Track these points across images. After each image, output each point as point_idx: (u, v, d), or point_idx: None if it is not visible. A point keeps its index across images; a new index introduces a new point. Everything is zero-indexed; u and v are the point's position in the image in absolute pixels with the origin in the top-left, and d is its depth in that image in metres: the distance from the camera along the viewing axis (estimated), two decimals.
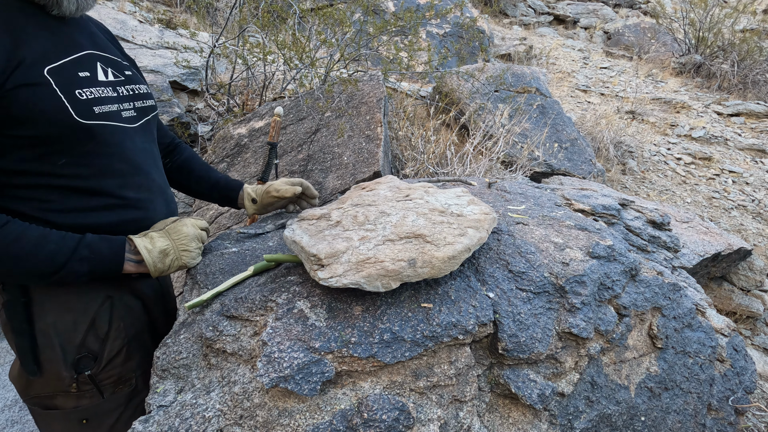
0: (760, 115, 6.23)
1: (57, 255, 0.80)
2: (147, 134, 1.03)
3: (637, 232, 1.41)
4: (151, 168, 1.01)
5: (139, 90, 1.00)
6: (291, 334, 0.75)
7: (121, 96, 0.94)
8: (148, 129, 1.03)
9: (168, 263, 0.94)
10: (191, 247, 0.98)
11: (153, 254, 0.90)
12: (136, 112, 0.97)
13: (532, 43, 8.10)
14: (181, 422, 0.69)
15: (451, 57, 5.23)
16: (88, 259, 0.84)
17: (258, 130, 2.57)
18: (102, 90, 0.88)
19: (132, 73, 1.01)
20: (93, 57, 0.90)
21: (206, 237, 1.07)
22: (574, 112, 5.83)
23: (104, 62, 0.93)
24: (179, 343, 0.83)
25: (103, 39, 1.00)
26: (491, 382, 0.86)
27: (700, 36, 7.70)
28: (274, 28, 3.18)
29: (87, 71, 0.86)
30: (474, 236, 0.86)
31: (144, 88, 1.03)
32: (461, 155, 3.37)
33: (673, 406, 1.07)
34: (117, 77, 0.94)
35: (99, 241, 0.87)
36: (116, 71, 0.95)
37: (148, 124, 1.03)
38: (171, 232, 0.97)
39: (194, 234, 1.00)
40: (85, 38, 0.91)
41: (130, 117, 0.95)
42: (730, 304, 3.00)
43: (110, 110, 0.89)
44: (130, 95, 0.97)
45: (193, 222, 1.03)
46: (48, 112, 0.78)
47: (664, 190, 4.61)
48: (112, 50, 1.00)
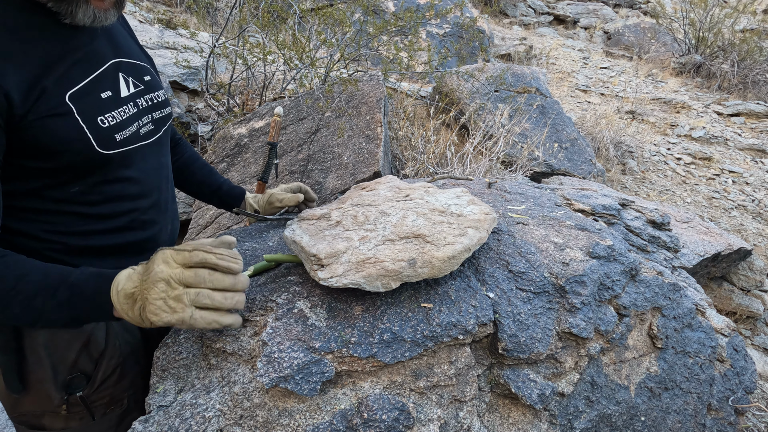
0: (760, 115, 6.23)
1: (34, 298, 0.67)
2: (163, 147, 0.96)
3: (637, 232, 1.41)
4: (162, 184, 0.95)
5: (157, 98, 0.92)
6: (291, 334, 0.75)
7: (141, 109, 0.86)
8: (165, 140, 0.97)
9: (137, 314, 0.68)
10: (151, 296, 0.66)
11: (120, 299, 0.69)
12: (154, 125, 0.90)
13: (532, 43, 8.11)
14: (181, 422, 0.69)
15: (451, 57, 5.23)
16: (68, 302, 0.68)
17: (258, 130, 2.57)
18: (124, 110, 0.81)
19: (151, 77, 0.92)
20: (115, 67, 0.82)
21: (200, 279, 0.68)
22: (574, 112, 5.84)
23: (126, 71, 0.85)
24: (179, 343, 0.83)
25: (124, 36, 0.91)
26: (491, 382, 0.86)
27: (700, 36, 7.70)
28: (274, 28, 3.18)
29: (109, 90, 0.79)
30: (474, 236, 0.86)
31: (162, 94, 0.94)
32: (461, 155, 3.37)
33: (673, 406, 1.07)
34: (138, 86, 0.87)
35: (87, 279, 0.70)
36: (137, 80, 0.87)
37: (166, 133, 0.96)
38: (146, 268, 0.71)
39: (164, 274, 0.67)
40: (105, 44, 0.82)
41: (147, 132, 0.88)
42: (730, 304, 3.00)
43: (130, 133, 0.82)
44: (149, 106, 0.89)
45: (171, 255, 0.70)
46: (71, 143, 0.72)
47: (664, 190, 4.61)
48: (134, 50, 0.91)
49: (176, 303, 0.67)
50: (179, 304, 0.67)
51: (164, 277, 0.67)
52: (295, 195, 1.24)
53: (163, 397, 0.75)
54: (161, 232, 0.96)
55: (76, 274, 0.70)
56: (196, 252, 0.69)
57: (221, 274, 0.70)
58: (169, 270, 0.68)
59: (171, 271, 0.68)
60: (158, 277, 0.67)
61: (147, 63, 0.96)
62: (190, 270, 0.68)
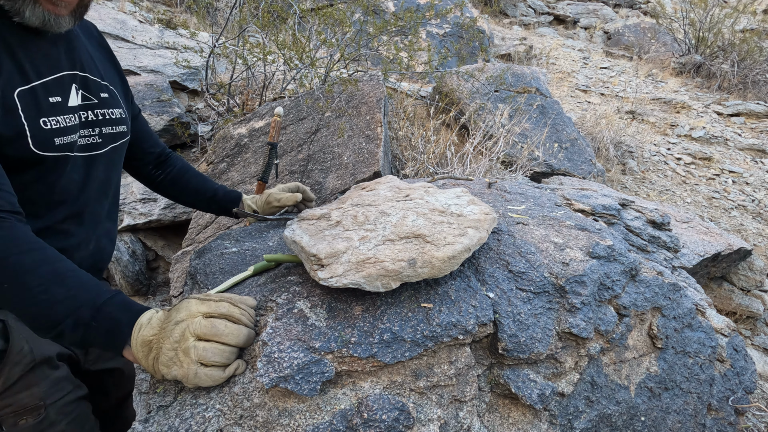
0: (760, 115, 6.23)
1: (59, 304, 0.64)
2: (110, 162, 0.98)
3: (637, 232, 1.41)
4: (96, 199, 0.95)
5: (110, 115, 0.95)
6: (291, 334, 0.75)
7: (86, 121, 0.88)
8: (114, 157, 0.99)
9: (151, 363, 0.66)
10: (165, 346, 0.64)
11: (137, 344, 0.66)
12: (101, 139, 0.92)
13: (532, 43, 8.10)
14: (181, 422, 0.69)
15: (451, 57, 5.23)
16: (87, 326, 0.65)
17: (258, 130, 2.57)
18: (69, 118, 0.84)
19: (109, 96, 0.95)
20: (70, 78, 0.86)
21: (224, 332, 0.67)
22: (574, 112, 5.83)
23: (81, 83, 0.88)
24: None
25: (90, 56, 0.95)
26: (491, 382, 0.86)
27: (700, 36, 7.70)
28: (274, 28, 3.18)
29: (59, 96, 0.82)
30: (474, 236, 0.86)
31: (118, 113, 0.97)
32: (461, 155, 3.37)
33: (673, 406, 1.07)
34: (88, 100, 0.90)
35: (115, 306, 0.67)
36: (89, 93, 0.90)
37: (114, 151, 0.98)
38: (166, 316, 0.68)
39: (183, 324, 0.65)
40: (65, 55, 0.86)
41: (90, 144, 0.90)
42: (730, 304, 3.00)
43: (70, 140, 0.84)
44: (97, 120, 0.91)
45: (196, 303, 0.68)
46: (9, 138, 0.73)
47: (664, 190, 4.61)
48: (97, 68, 0.95)
49: (184, 356, 0.64)
50: (186, 358, 0.64)
51: (182, 326, 0.65)
52: (293, 195, 1.24)
53: (163, 397, 0.75)
54: (79, 247, 0.93)
55: (105, 298, 0.67)
56: (223, 303, 0.69)
57: (237, 326, 0.69)
58: (189, 319, 0.66)
59: (190, 320, 0.65)
60: (176, 326, 0.65)
61: (113, 84, 0.99)
62: (207, 320, 0.66)
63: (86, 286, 0.67)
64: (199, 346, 0.64)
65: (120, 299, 0.68)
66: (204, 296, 0.70)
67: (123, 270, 2.54)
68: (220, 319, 0.68)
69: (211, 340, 0.66)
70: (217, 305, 0.69)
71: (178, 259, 2.11)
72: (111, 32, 3.76)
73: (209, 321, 0.66)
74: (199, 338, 0.65)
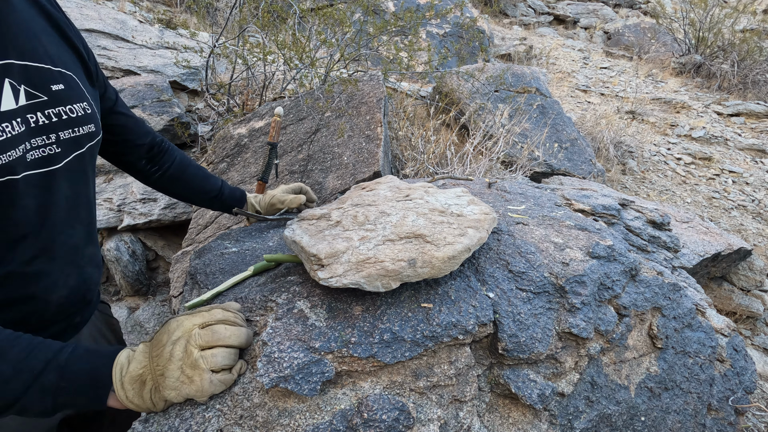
0: (760, 115, 6.23)
1: (11, 380, 0.54)
2: (77, 174, 0.76)
3: (637, 232, 1.41)
4: (66, 223, 0.75)
5: (70, 113, 0.71)
6: (291, 334, 0.75)
7: (34, 127, 0.65)
8: (81, 165, 0.76)
9: (148, 397, 0.61)
10: (169, 370, 0.60)
11: (125, 383, 0.60)
12: (60, 147, 0.70)
13: (532, 43, 8.11)
14: (181, 422, 0.69)
15: (451, 57, 5.23)
16: (56, 389, 0.56)
17: (258, 130, 2.57)
18: (7, 128, 0.60)
19: (64, 86, 0.71)
20: (1, 70, 0.62)
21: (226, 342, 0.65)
22: (574, 112, 5.83)
23: (18, 76, 0.64)
24: None
25: (32, 32, 0.68)
26: (491, 382, 0.86)
27: (700, 36, 7.70)
28: (274, 28, 3.18)
29: None
30: (474, 236, 0.86)
31: (82, 108, 0.73)
32: (461, 155, 3.37)
33: (673, 406, 1.07)
34: (34, 97, 0.66)
35: (82, 357, 0.59)
36: (34, 88, 0.66)
37: (79, 160, 0.75)
38: (152, 344, 0.64)
39: (183, 340, 0.62)
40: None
41: (45, 157, 0.68)
42: (730, 304, 3.00)
43: (9, 159, 0.61)
44: (50, 123, 0.68)
45: (184, 319, 0.65)
46: None
47: (664, 190, 4.61)
48: (42, 51, 0.69)
49: (193, 370, 0.61)
50: (196, 371, 0.61)
51: (182, 343, 0.61)
52: (298, 196, 1.24)
53: None
54: (56, 287, 0.75)
55: (66, 353, 0.59)
56: (215, 311, 0.68)
57: (237, 327, 0.69)
58: (187, 334, 0.62)
59: (188, 335, 0.62)
60: (175, 346, 0.61)
61: (68, 67, 0.73)
62: (205, 329, 0.64)
63: (36, 350, 0.57)
64: (207, 354, 0.63)
65: (82, 349, 0.61)
66: (191, 312, 0.68)
67: (123, 270, 2.54)
68: (217, 324, 0.67)
69: (216, 345, 0.65)
70: (211, 314, 0.67)
71: (178, 259, 2.11)
72: (111, 32, 3.76)
73: (208, 329, 0.65)
74: (202, 348, 0.63)
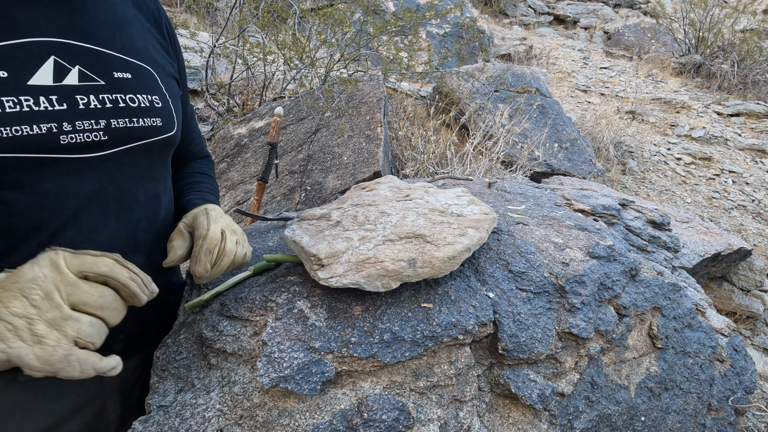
0: (760, 115, 6.23)
1: None
2: (125, 167, 0.69)
3: (637, 232, 1.41)
4: (96, 221, 0.66)
5: (131, 102, 0.68)
6: (291, 334, 0.75)
7: (84, 109, 0.62)
8: (134, 159, 0.70)
9: None
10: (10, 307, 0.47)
11: None
12: (108, 135, 0.65)
13: (532, 43, 8.11)
14: (181, 422, 0.69)
15: (451, 57, 5.23)
16: None
17: (258, 130, 2.57)
18: (27, 102, 0.56)
19: (132, 76, 0.69)
20: (47, 47, 0.60)
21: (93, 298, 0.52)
22: (574, 112, 5.84)
23: (73, 57, 0.62)
24: (179, 343, 0.83)
25: (116, 22, 0.69)
26: (491, 382, 0.86)
27: (700, 36, 7.70)
28: (274, 28, 3.18)
29: (7, 69, 0.56)
30: (474, 236, 0.86)
31: (148, 99, 0.70)
32: (461, 155, 3.37)
33: (673, 406, 1.07)
34: (89, 80, 0.63)
35: None
36: (92, 71, 0.64)
37: (134, 152, 0.69)
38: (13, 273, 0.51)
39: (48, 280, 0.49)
40: (48, 16, 0.61)
41: (88, 142, 0.62)
42: (730, 304, 3.00)
43: (24, 135, 0.55)
44: (103, 109, 0.64)
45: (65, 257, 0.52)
46: None
47: (664, 190, 4.61)
48: (119, 40, 0.69)
49: (50, 331, 0.46)
50: (55, 333, 0.47)
51: (47, 284, 0.48)
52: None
53: (163, 397, 0.75)
54: None
55: None
56: (104, 259, 0.54)
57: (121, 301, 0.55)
58: (58, 277, 0.49)
59: (60, 278, 0.49)
60: (37, 282, 0.47)
61: (148, 62, 0.73)
62: (91, 286, 0.51)
63: None
64: (83, 320, 0.49)
65: None
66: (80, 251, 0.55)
67: None
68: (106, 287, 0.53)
69: (91, 313, 0.50)
70: (96, 261, 0.52)
71: None
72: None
73: (96, 289, 0.51)
74: (74, 307, 0.49)
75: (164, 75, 0.77)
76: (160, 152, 0.76)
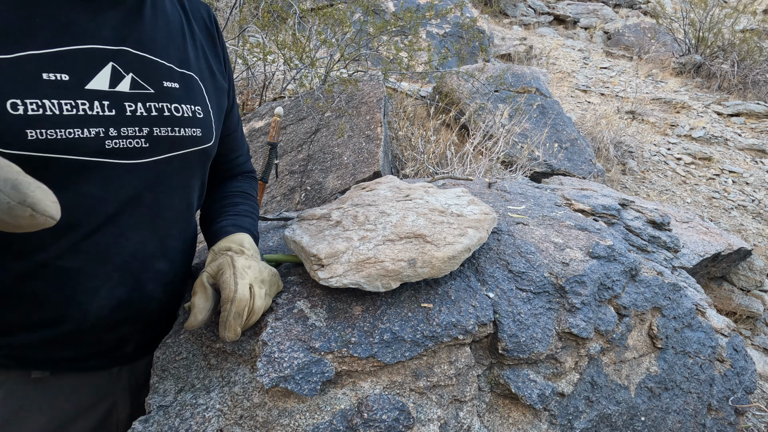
0: (760, 115, 6.23)
1: None
2: (163, 176, 0.70)
3: (637, 232, 1.41)
4: (129, 227, 0.68)
5: (175, 111, 0.69)
6: (291, 334, 0.75)
7: (131, 116, 0.64)
8: (172, 169, 0.72)
9: None
10: None
11: None
12: (150, 143, 0.67)
13: (532, 43, 8.11)
14: (181, 422, 0.69)
15: (451, 57, 5.22)
16: None
17: (258, 130, 2.57)
18: (80, 105, 0.59)
19: (179, 86, 0.71)
20: (107, 54, 0.62)
21: None
22: (574, 112, 5.84)
23: (128, 64, 0.64)
24: (179, 343, 0.83)
25: (169, 33, 0.71)
26: (491, 382, 0.86)
27: (700, 36, 7.70)
28: (274, 28, 3.18)
29: (69, 73, 0.58)
30: (474, 236, 0.86)
31: (191, 110, 0.72)
32: (461, 155, 3.37)
33: (673, 406, 1.07)
34: (140, 87, 0.65)
35: None
36: (143, 79, 0.66)
37: (173, 162, 0.71)
38: None
39: None
40: (113, 26, 0.63)
41: (130, 148, 0.64)
42: (730, 304, 3.00)
43: (66, 137, 0.57)
44: (148, 117, 0.66)
45: None
46: None
47: (664, 190, 4.61)
48: (172, 51, 0.71)
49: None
50: None
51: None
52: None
53: (163, 397, 0.75)
54: (95, 293, 0.67)
55: None
56: None
57: None
58: None
59: None
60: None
61: (197, 72, 0.75)
62: None
63: None
64: None
65: None
66: None
67: None
68: None
69: None
70: None
71: None
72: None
73: None
74: None
75: (211, 86, 0.79)
76: (197, 162, 0.77)
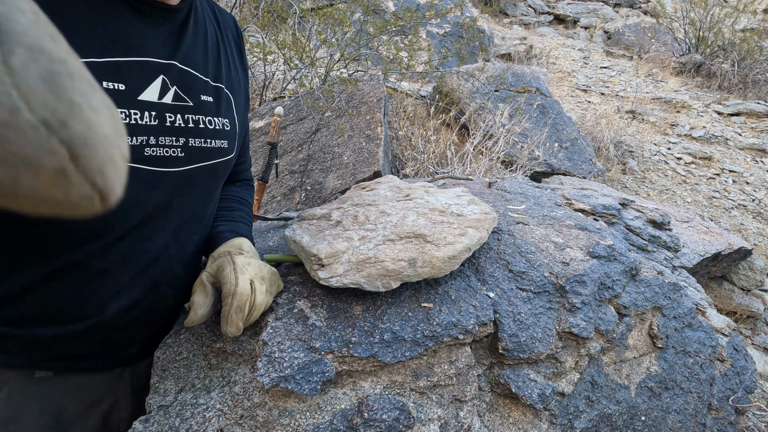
0: (760, 115, 6.23)
1: None
2: (192, 186, 0.74)
3: (638, 231, 1.41)
4: (155, 231, 0.71)
5: (209, 124, 0.74)
6: (291, 334, 0.75)
7: (170, 126, 0.68)
8: (200, 179, 0.75)
9: None
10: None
11: None
12: (185, 153, 0.71)
13: (532, 42, 8.10)
14: (181, 422, 0.69)
15: (451, 57, 5.22)
16: None
17: (258, 130, 2.57)
18: (131, 114, 0.63)
19: (213, 100, 0.75)
20: (159, 68, 0.67)
21: None
22: (574, 112, 5.83)
23: (174, 78, 0.69)
24: (179, 343, 0.83)
25: (206, 47, 0.76)
26: (491, 382, 0.86)
27: (700, 35, 7.70)
28: (274, 27, 3.18)
29: (125, 83, 0.62)
30: (474, 236, 0.86)
31: (221, 123, 0.77)
32: (461, 155, 3.37)
33: (674, 406, 1.07)
34: (181, 100, 0.70)
35: None
36: (185, 92, 0.70)
37: (202, 172, 0.75)
38: None
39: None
40: (165, 42, 0.68)
41: (166, 157, 0.68)
42: (731, 304, 3.00)
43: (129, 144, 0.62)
44: (185, 128, 0.70)
45: None
46: None
47: (664, 190, 4.61)
48: (208, 65, 0.76)
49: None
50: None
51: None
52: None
53: (164, 397, 0.75)
54: (116, 294, 0.70)
55: None
56: None
57: None
58: None
59: None
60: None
61: (229, 87, 0.80)
62: None
63: None
64: None
65: None
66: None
67: None
68: None
69: None
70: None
71: None
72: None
73: None
74: None
75: (239, 98, 0.84)
76: (220, 172, 0.81)
